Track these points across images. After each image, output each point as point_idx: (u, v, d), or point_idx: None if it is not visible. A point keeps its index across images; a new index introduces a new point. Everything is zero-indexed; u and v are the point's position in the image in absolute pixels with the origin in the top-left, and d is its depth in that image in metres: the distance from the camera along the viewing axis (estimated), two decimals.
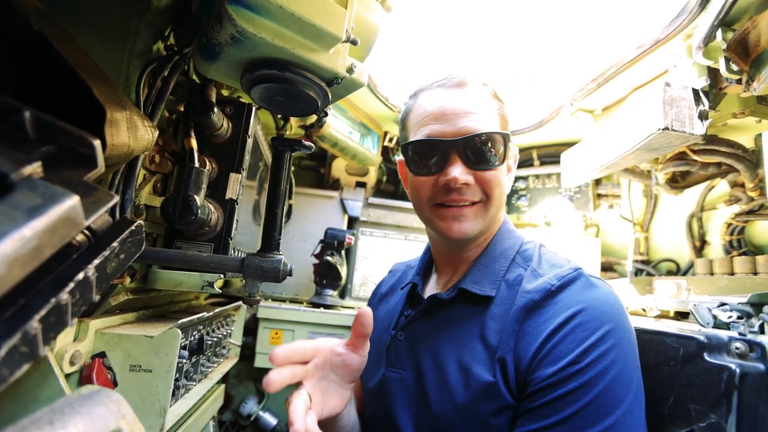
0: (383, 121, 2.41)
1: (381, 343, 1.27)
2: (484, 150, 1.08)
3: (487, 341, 1.01)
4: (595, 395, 0.85)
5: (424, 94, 1.17)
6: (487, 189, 1.10)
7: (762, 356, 1.01)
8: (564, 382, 0.87)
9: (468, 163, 1.08)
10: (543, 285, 1.01)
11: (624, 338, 0.94)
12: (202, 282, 1.14)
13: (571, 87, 1.94)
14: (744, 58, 1.24)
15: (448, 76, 1.16)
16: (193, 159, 1.11)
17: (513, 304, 1.03)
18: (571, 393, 0.86)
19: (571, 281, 1.01)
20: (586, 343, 0.89)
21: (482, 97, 1.13)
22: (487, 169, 1.09)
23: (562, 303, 0.97)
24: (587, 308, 0.94)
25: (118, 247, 0.59)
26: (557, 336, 0.92)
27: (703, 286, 1.75)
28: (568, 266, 1.06)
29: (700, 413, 1.02)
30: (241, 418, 2.06)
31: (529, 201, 2.82)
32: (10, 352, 0.42)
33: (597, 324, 0.92)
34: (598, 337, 0.90)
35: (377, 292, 1.57)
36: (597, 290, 1.00)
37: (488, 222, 1.14)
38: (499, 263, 1.13)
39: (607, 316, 0.94)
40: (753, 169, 1.71)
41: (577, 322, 0.92)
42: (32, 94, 0.71)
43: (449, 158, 1.09)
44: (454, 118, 1.09)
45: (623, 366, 0.90)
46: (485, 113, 1.11)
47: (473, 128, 1.07)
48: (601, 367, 0.87)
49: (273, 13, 0.80)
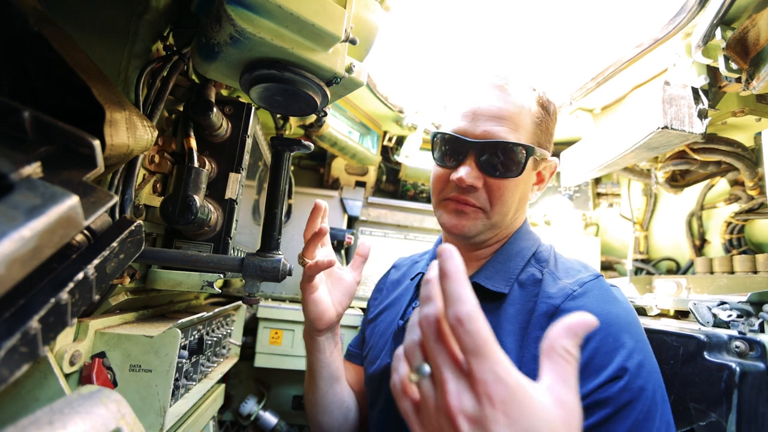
0: (383, 120, 2.41)
1: (387, 334, 1.27)
2: (500, 158, 1.07)
3: (500, 341, 1.01)
4: (642, 407, 0.84)
5: (468, 87, 1.16)
6: (492, 197, 1.09)
7: (762, 355, 1.01)
8: (611, 399, 0.85)
9: (482, 167, 1.08)
10: (564, 290, 1.01)
11: (649, 347, 0.94)
12: (202, 282, 1.14)
13: (571, 86, 1.94)
14: (743, 57, 1.24)
15: (497, 73, 1.14)
16: (193, 159, 1.11)
17: (529, 307, 1.02)
18: (622, 409, 0.84)
19: (592, 288, 1.01)
20: (622, 356, 0.88)
21: (520, 101, 1.10)
22: (498, 177, 1.08)
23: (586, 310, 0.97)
24: (615, 320, 0.93)
25: (118, 247, 0.59)
26: (590, 346, 0.91)
27: (702, 284, 1.75)
28: (587, 272, 1.06)
29: (700, 412, 1.02)
30: (241, 418, 2.06)
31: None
32: (9, 352, 0.42)
33: (627, 337, 0.91)
34: (631, 349, 0.89)
35: (381, 287, 1.56)
36: (619, 302, 0.99)
37: (489, 228, 1.13)
38: (515, 262, 1.13)
39: (632, 327, 0.94)
40: (752, 167, 1.72)
41: (607, 333, 0.91)
42: (31, 95, 0.71)
43: (465, 158, 1.09)
44: (482, 119, 1.08)
45: (658, 376, 0.90)
46: (516, 120, 1.08)
47: (496, 134, 1.06)
48: (642, 381, 0.86)
49: (272, 13, 0.80)
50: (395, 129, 2.49)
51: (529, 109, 1.11)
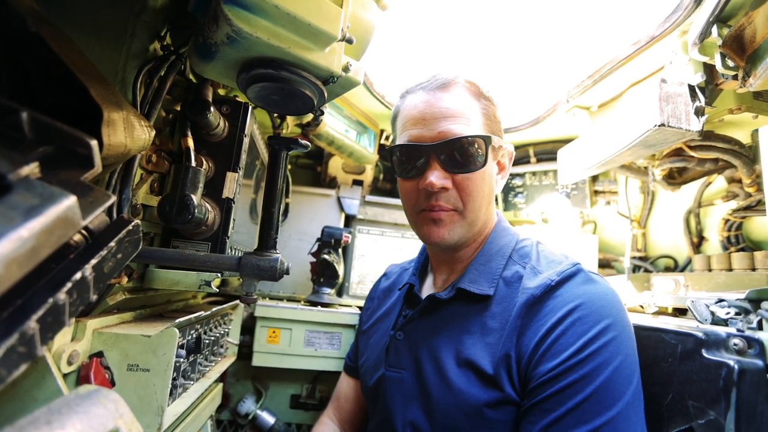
0: (380, 119, 2.41)
1: (380, 345, 1.28)
2: (462, 154, 1.08)
3: (487, 339, 1.02)
4: (597, 386, 0.86)
5: (410, 97, 1.17)
6: (464, 195, 1.10)
7: (760, 352, 1.01)
8: (565, 374, 0.88)
9: (446, 167, 1.09)
10: (543, 281, 1.02)
11: (624, 332, 0.95)
12: (200, 281, 1.14)
13: (567, 84, 1.94)
14: (740, 54, 1.24)
15: (432, 77, 1.16)
16: (190, 158, 1.11)
17: (513, 302, 1.03)
18: (572, 385, 0.87)
19: (571, 276, 1.02)
20: (587, 336, 0.90)
21: (465, 97, 1.12)
22: (465, 172, 1.09)
23: (561, 297, 0.98)
24: (586, 302, 0.95)
25: (116, 246, 0.59)
26: (557, 330, 0.93)
27: (701, 282, 1.75)
28: (567, 262, 1.07)
29: (698, 410, 1.03)
30: (239, 417, 2.06)
31: (525, 198, 2.83)
32: (7, 352, 0.42)
33: (597, 318, 0.92)
34: (599, 330, 0.91)
35: (373, 296, 1.57)
36: (596, 285, 1.01)
37: (467, 228, 1.14)
38: (496, 261, 1.14)
39: (606, 310, 0.95)
40: (750, 164, 1.72)
41: (577, 316, 0.93)
42: (29, 95, 0.71)
43: (429, 163, 1.10)
44: (433, 122, 1.09)
45: (624, 359, 0.91)
46: (467, 115, 1.10)
47: (452, 132, 1.08)
48: (602, 359, 0.88)
49: (269, 13, 0.80)
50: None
51: (474, 102, 1.13)
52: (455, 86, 1.13)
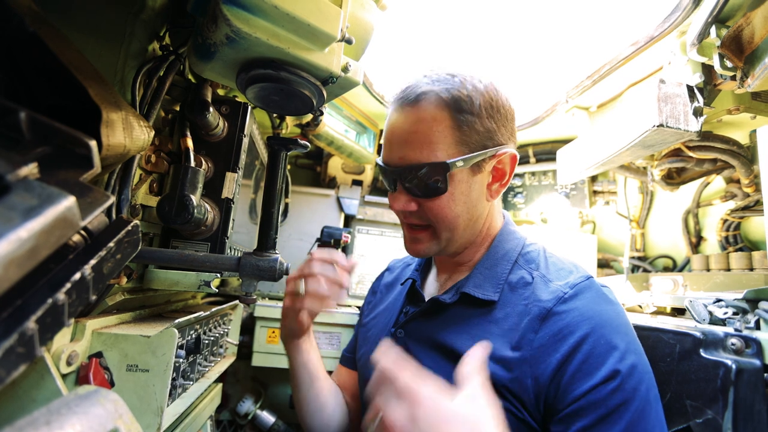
0: (379, 119, 2.41)
1: (380, 340, 1.27)
2: (422, 181, 1.03)
3: (490, 342, 1.01)
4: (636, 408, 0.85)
5: (390, 109, 1.14)
6: (431, 217, 1.07)
7: (758, 352, 1.01)
8: (605, 400, 0.86)
9: (410, 191, 1.07)
10: (556, 293, 1.01)
11: (640, 348, 0.95)
12: (199, 281, 1.14)
13: (567, 84, 1.95)
14: (738, 55, 1.25)
15: (406, 88, 1.08)
16: (189, 158, 1.11)
17: (519, 309, 1.02)
18: (615, 410, 0.85)
19: (584, 290, 1.01)
20: (615, 358, 0.89)
21: (433, 114, 1.02)
22: (428, 197, 1.05)
23: (578, 312, 0.96)
24: (607, 321, 0.94)
25: (115, 247, 0.59)
26: (583, 349, 0.91)
27: (699, 282, 1.76)
28: (578, 274, 1.06)
29: (696, 409, 1.03)
30: (239, 417, 2.06)
31: (525, 198, 2.83)
32: (6, 352, 0.42)
33: (619, 339, 0.92)
34: (624, 351, 0.90)
35: (375, 289, 1.56)
36: (611, 304, 1.00)
37: (445, 244, 1.12)
38: (502, 266, 1.13)
39: (623, 328, 0.95)
40: (748, 165, 1.72)
41: (600, 335, 0.92)
42: (27, 95, 0.71)
43: (395, 186, 1.09)
44: (396, 145, 1.06)
45: (650, 376, 0.91)
46: (430, 138, 1.02)
47: (407, 159, 1.03)
48: (635, 382, 0.87)
49: (268, 13, 0.80)
50: None
51: (445, 118, 1.02)
52: (424, 101, 1.03)
